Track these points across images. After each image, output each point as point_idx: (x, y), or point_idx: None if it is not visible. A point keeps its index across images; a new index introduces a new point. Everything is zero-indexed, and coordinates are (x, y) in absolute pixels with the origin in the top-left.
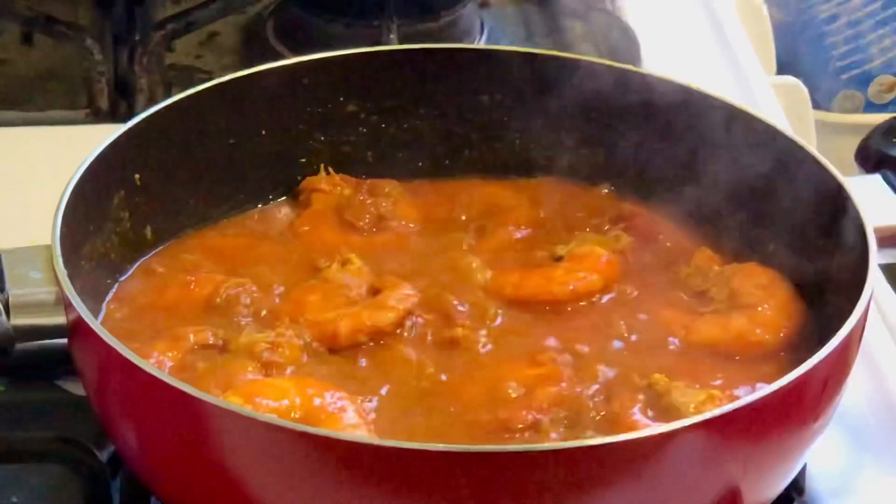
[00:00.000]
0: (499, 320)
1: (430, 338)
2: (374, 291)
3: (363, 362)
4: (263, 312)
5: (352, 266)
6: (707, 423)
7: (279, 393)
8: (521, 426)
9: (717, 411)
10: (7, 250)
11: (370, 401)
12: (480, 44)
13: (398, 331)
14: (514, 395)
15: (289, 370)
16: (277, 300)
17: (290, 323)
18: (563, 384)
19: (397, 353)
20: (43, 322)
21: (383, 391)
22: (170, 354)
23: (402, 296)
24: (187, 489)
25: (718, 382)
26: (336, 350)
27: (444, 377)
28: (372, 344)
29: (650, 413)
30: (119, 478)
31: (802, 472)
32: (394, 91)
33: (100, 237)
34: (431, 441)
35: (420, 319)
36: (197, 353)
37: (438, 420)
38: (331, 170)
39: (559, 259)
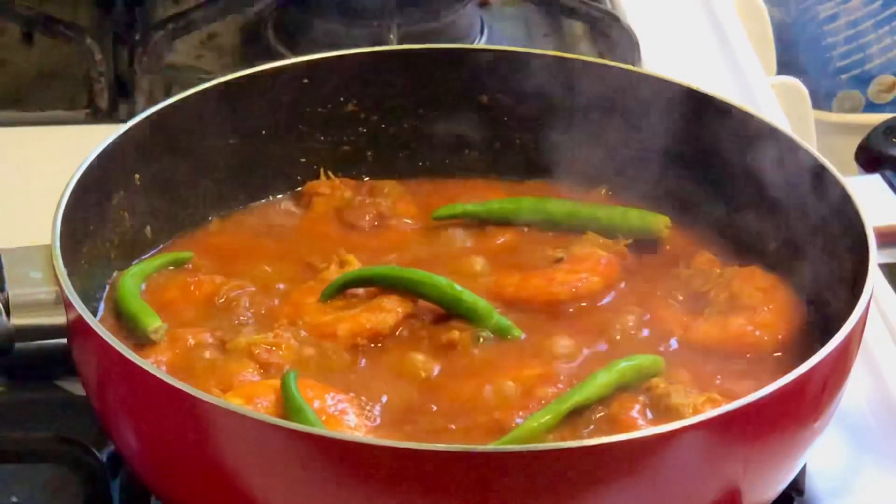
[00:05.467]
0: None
1: (428, 339)
2: (373, 293)
3: (362, 363)
4: (263, 312)
5: (350, 267)
6: (707, 424)
7: (279, 394)
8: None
9: (716, 411)
10: (7, 250)
11: (369, 401)
12: (480, 44)
13: (397, 332)
14: (511, 396)
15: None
16: (277, 301)
17: (288, 324)
18: (560, 385)
19: (396, 355)
20: (43, 322)
21: (382, 392)
22: (169, 354)
23: (401, 298)
24: (187, 489)
25: (717, 382)
26: (334, 351)
27: (442, 378)
28: (370, 345)
29: (649, 415)
30: (119, 478)
31: (802, 473)
32: (394, 91)
33: (100, 237)
34: (429, 441)
35: (418, 321)
36: (196, 354)
37: (436, 420)
38: (331, 173)
39: (559, 260)
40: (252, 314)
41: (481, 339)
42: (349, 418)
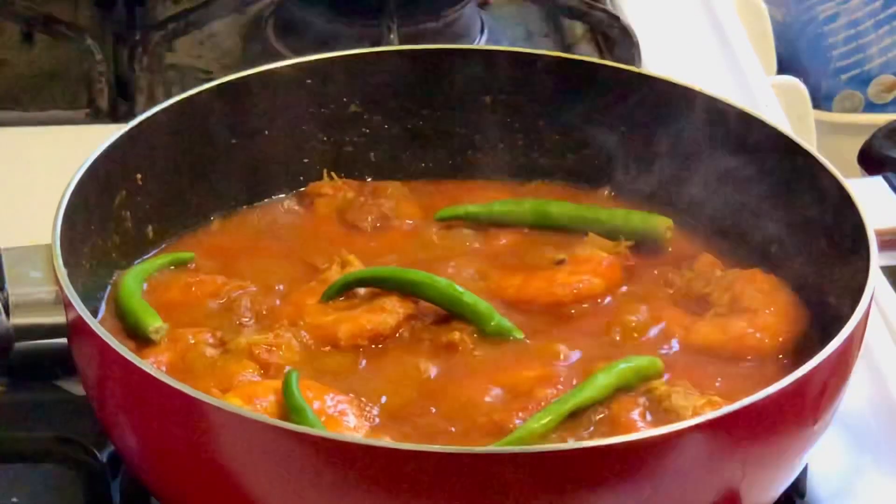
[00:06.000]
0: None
1: (428, 340)
2: (374, 294)
3: (363, 363)
4: (264, 312)
5: (352, 268)
6: (706, 425)
7: (278, 394)
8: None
9: (716, 413)
10: (7, 249)
11: (368, 402)
12: (480, 44)
13: (397, 333)
14: (511, 397)
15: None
16: (278, 301)
17: (289, 325)
18: (560, 386)
19: (396, 356)
20: (42, 321)
21: (381, 393)
22: (169, 354)
23: (402, 299)
24: (187, 489)
25: (718, 385)
26: (335, 352)
27: (442, 379)
28: (371, 346)
29: (649, 416)
30: (119, 478)
31: (804, 475)
32: (396, 92)
33: (101, 237)
34: (429, 442)
35: (419, 322)
36: (196, 354)
37: (436, 422)
38: (333, 174)
39: (561, 262)
40: (253, 314)
41: (479, 346)
42: (349, 419)
